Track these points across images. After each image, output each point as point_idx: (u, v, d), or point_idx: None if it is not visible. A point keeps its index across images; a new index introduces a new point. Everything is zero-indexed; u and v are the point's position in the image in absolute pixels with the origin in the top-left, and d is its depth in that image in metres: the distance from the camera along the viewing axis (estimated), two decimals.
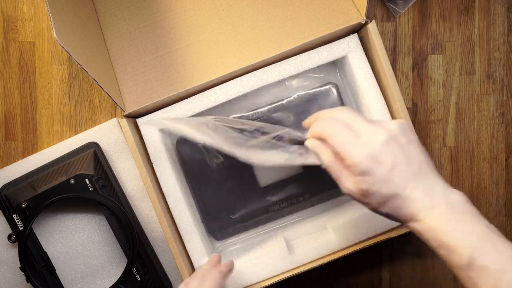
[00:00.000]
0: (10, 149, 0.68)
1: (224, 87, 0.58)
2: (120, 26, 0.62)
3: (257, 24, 0.60)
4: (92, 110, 0.68)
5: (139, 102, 0.59)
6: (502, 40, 0.67)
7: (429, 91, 0.68)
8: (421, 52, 0.68)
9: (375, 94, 0.58)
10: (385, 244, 0.68)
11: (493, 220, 0.68)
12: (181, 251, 0.57)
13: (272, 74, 0.58)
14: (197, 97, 0.59)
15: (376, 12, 0.67)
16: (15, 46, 0.67)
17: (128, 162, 0.65)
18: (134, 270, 0.62)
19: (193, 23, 0.61)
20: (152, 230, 0.66)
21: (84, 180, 0.61)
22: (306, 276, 0.68)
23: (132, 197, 0.65)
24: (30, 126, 0.68)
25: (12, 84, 0.68)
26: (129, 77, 0.60)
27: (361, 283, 0.69)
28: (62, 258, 0.65)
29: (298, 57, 0.58)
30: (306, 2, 0.60)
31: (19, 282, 0.65)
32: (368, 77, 0.58)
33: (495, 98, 0.68)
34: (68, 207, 0.65)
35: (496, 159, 0.68)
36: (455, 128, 0.68)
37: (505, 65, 0.67)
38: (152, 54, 0.61)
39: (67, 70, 0.67)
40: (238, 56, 0.59)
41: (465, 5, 0.67)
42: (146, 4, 0.62)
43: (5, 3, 0.67)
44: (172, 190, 0.58)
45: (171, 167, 0.59)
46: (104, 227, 0.65)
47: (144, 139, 0.59)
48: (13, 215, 0.61)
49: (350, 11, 0.59)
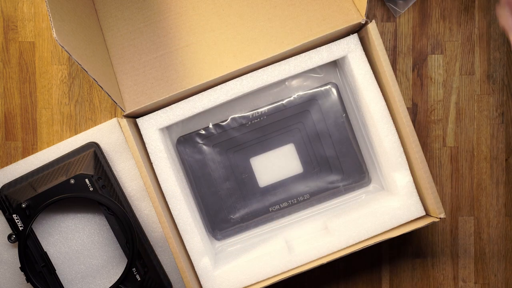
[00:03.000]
0: (10, 149, 0.68)
1: (224, 87, 0.58)
2: (120, 26, 0.62)
3: (257, 24, 0.60)
4: (92, 110, 0.68)
5: (139, 102, 0.59)
6: (502, 40, 0.67)
7: (429, 91, 0.68)
8: (421, 52, 0.68)
9: (375, 94, 0.58)
10: (385, 244, 0.68)
11: (493, 220, 0.68)
12: (181, 251, 0.57)
13: (272, 74, 0.58)
14: (197, 97, 0.59)
15: (376, 12, 0.67)
16: (15, 46, 0.67)
17: (128, 162, 0.65)
18: (134, 270, 0.62)
19: (193, 23, 0.61)
20: (152, 230, 0.66)
21: (84, 180, 0.61)
22: (306, 276, 0.68)
23: (132, 197, 0.65)
24: (30, 126, 0.68)
25: (12, 84, 0.68)
26: (129, 77, 0.60)
27: (361, 283, 0.69)
28: (62, 258, 0.65)
29: (298, 57, 0.58)
30: (306, 2, 0.60)
31: (19, 282, 0.65)
32: (368, 77, 0.58)
33: (495, 98, 0.68)
34: (68, 207, 0.65)
35: (496, 159, 0.68)
36: (455, 128, 0.68)
37: (505, 65, 0.67)
38: (152, 54, 0.61)
39: (67, 70, 0.67)
40: (238, 56, 0.59)
41: (465, 5, 0.67)
42: (146, 4, 0.62)
43: (5, 3, 0.67)
44: (171, 190, 0.58)
45: (170, 167, 0.59)
46: (104, 227, 0.65)
47: (144, 139, 0.59)
48: (13, 215, 0.61)
49: (350, 11, 0.59)
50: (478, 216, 0.68)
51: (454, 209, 0.68)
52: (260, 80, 0.58)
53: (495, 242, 0.68)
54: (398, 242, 0.68)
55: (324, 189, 0.64)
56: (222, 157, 0.63)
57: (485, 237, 0.68)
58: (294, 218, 0.65)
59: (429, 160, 0.68)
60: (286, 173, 0.64)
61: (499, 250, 0.68)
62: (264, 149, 0.64)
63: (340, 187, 0.63)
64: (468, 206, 0.68)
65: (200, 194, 0.63)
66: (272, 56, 0.57)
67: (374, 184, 0.64)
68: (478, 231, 0.68)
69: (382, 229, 0.58)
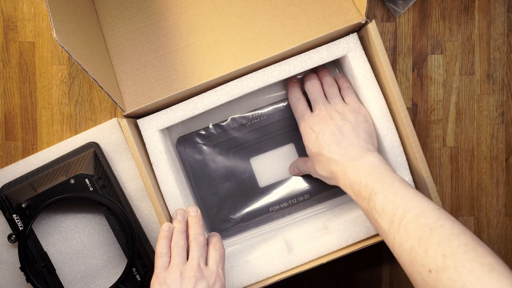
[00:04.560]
0: (10, 149, 0.68)
1: (224, 88, 0.58)
2: (120, 26, 0.62)
3: (257, 24, 0.60)
4: (92, 110, 0.68)
5: (139, 102, 0.59)
6: (502, 40, 0.67)
7: (429, 91, 0.68)
8: (421, 52, 0.68)
9: (375, 93, 0.58)
10: (385, 244, 0.68)
11: (493, 220, 0.68)
12: None
13: (272, 75, 0.58)
14: (198, 98, 0.59)
15: (376, 12, 0.67)
16: (15, 46, 0.67)
17: (128, 162, 0.65)
18: (134, 270, 0.62)
19: (193, 23, 0.61)
20: (152, 230, 0.66)
21: (84, 180, 0.61)
22: (306, 276, 0.68)
23: (132, 197, 0.65)
24: (30, 126, 0.68)
25: (12, 84, 0.68)
26: (129, 77, 0.60)
27: (361, 283, 0.69)
28: (62, 258, 0.65)
29: (298, 57, 0.58)
30: (306, 2, 0.60)
31: (19, 282, 0.65)
32: (368, 76, 0.58)
33: (495, 98, 0.68)
34: (68, 207, 0.65)
35: (496, 159, 0.68)
36: (455, 128, 0.68)
37: (505, 65, 0.67)
38: (152, 54, 0.61)
39: (67, 70, 0.67)
40: (238, 56, 0.59)
41: (465, 5, 0.67)
42: (146, 4, 0.62)
43: (5, 3, 0.67)
44: (171, 191, 0.58)
45: (170, 168, 0.59)
46: (104, 227, 0.65)
47: (144, 140, 0.59)
48: (13, 215, 0.61)
49: (350, 11, 0.59)
50: (478, 216, 0.68)
51: (454, 209, 0.68)
52: (260, 80, 0.58)
53: (495, 242, 0.68)
54: None
55: (324, 189, 0.64)
56: (222, 157, 0.63)
57: (485, 237, 0.68)
58: (294, 218, 0.65)
59: (429, 160, 0.68)
60: (286, 173, 0.64)
61: (499, 250, 0.68)
62: (264, 149, 0.64)
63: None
64: (468, 206, 0.68)
65: (200, 194, 0.63)
66: (272, 56, 0.57)
67: None
68: (478, 231, 0.68)
69: None
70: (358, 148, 0.54)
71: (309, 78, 0.61)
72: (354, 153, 0.53)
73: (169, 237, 0.54)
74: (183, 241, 0.53)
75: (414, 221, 0.44)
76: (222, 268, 0.53)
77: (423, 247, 0.42)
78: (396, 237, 0.45)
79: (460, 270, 0.39)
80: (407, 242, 0.44)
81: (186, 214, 0.56)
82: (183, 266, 0.51)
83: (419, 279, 0.42)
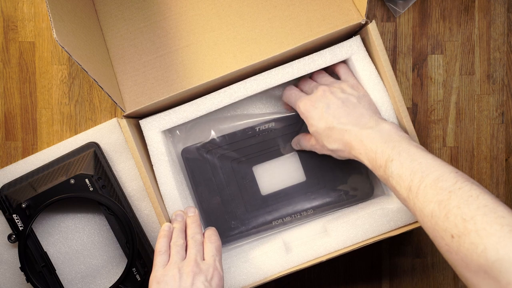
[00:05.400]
0: (10, 149, 0.68)
1: (228, 90, 0.58)
2: (120, 26, 0.62)
3: (257, 24, 0.60)
4: (92, 110, 0.68)
5: (139, 102, 0.59)
6: (502, 40, 0.67)
7: (429, 91, 0.68)
8: (421, 52, 0.68)
9: (382, 94, 0.57)
10: (385, 244, 0.68)
11: None
12: None
13: (275, 78, 0.58)
14: (201, 100, 0.58)
15: (376, 12, 0.67)
16: (15, 46, 0.67)
17: (128, 162, 0.65)
18: (134, 270, 0.62)
19: (193, 23, 0.61)
20: (152, 230, 0.66)
21: (84, 180, 0.61)
22: (306, 276, 0.68)
23: (132, 197, 0.65)
24: (30, 126, 0.68)
25: (12, 84, 0.68)
26: (129, 77, 0.60)
27: (361, 283, 0.69)
28: (62, 258, 0.65)
29: (301, 60, 0.58)
30: (306, 2, 0.60)
31: (19, 282, 0.65)
32: (374, 77, 0.57)
33: (495, 98, 0.68)
34: (68, 207, 0.65)
35: (496, 159, 0.68)
36: (455, 128, 0.68)
37: (505, 65, 0.67)
38: (152, 54, 0.61)
39: (67, 70, 0.67)
40: (238, 56, 0.59)
41: (465, 5, 0.67)
42: (146, 4, 0.62)
43: (5, 3, 0.67)
44: (170, 193, 0.58)
45: (171, 170, 0.58)
46: (104, 227, 0.65)
47: (146, 141, 0.59)
48: (13, 215, 0.61)
49: (350, 11, 0.59)
50: None
51: None
52: (263, 83, 0.58)
53: None
54: (398, 242, 0.68)
55: (327, 203, 0.63)
56: (225, 164, 0.63)
57: None
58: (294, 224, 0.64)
59: None
60: (289, 181, 0.64)
61: None
62: (267, 157, 0.63)
63: (343, 200, 0.63)
64: None
65: (200, 199, 0.63)
66: (272, 56, 0.57)
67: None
68: None
69: (380, 231, 0.58)
70: (370, 117, 0.53)
71: (304, 78, 0.61)
72: (368, 122, 0.52)
73: (169, 236, 0.54)
74: (182, 240, 0.53)
75: (432, 185, 0.43)
76: (219, 261, 0.53)
77: (443, 211, 0.41)
78: (416, 203, 0.44)
79: (481, 233, 0.38)
80: (427, 207, 0.43)
81: (184, 215, 0.57)
82: (181, 263, 0.51)
83: (442, 244, 0.42)
